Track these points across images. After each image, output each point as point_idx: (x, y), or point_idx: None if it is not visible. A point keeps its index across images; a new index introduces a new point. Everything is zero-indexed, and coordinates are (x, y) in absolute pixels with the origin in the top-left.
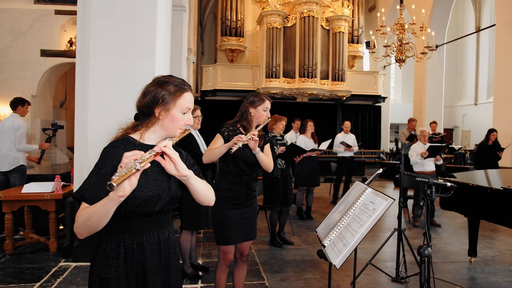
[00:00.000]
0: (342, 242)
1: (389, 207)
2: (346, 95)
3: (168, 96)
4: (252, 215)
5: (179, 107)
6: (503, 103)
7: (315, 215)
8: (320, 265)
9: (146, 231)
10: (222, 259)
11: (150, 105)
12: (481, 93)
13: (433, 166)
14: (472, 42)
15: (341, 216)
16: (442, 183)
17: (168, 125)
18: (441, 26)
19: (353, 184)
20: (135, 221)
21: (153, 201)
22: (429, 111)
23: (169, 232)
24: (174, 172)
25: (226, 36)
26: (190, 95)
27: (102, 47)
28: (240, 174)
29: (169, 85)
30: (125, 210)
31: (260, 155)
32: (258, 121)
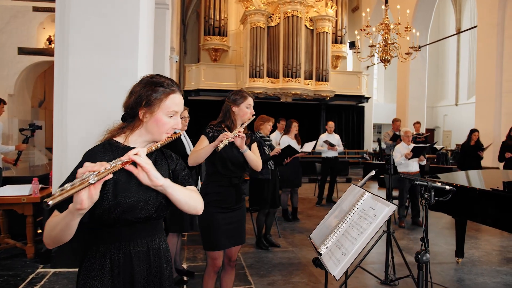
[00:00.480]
0: (340, 250)
1: None
2: (330, 95)
3: (153, 98)
4: (241, 219)
5: (165, 109)
6: (485, 104)
7: (301, 216)
8: (307, 268)
9: (133, 240)
10: (210, 265)
11: (134, 106)
12: (462, 94)
13: (417, 166)
14: (453, 43)
15: (337, 222)
16: (441, 186)
17: (152, 129)
18: (423, 27)
19: (348, 188)
20: (121, 229)
21: (139, 207)
22: (412, 112)
23: (159, 241)
24: (147, 182)
25: (210, 36)
26: (178, 97)
27: (82, 45)
28: (228, 176)
29: (155, 85)
30: (108, 218)
31: (248, 153)
32: (243, 119)
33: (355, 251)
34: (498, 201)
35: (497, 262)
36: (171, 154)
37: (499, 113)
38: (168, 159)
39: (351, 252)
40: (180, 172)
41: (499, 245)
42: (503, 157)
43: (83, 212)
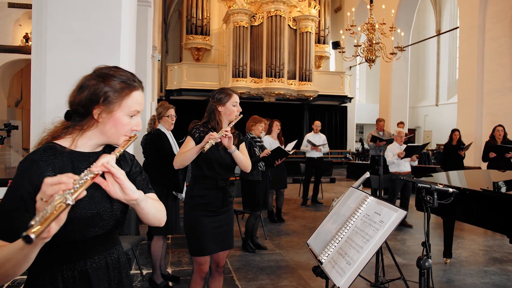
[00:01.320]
0: (344, 259)
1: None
2: (313, 95)
3: (113, 94)
4: (229, 222)
5: (126, 109)
6: (466, 104)
7: (286, 217)
8: (296, 271)
9: (89, 256)
10: (196, 271)
11: (88, 104)
12: (442, 94)
13: (409, 166)
14: (433, 44)
15: (338, 227)
16: (444, 189)
17: (109, 131)
18: (406, 27)
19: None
20: (74, 247)
21: (93, 222)
22: (394, 112)
23: (118, 253)
24: (119, 196)
25: (192, 35)
26: (140, 95)
27: (61, 42)
28: (215, 178)
29: (114, 80)
30: (58, 237)
31: (237, 153)
32: (230, 118)
33: (362, 260)
34: (488, 201)
35: (485, 262)
36: (124, 154)
37: (481, 113)
38: (121, 161)
39: (357, 262)
40: (137, 176)
41: (485, 245)
42: (487, 157)
43: (47, 239)
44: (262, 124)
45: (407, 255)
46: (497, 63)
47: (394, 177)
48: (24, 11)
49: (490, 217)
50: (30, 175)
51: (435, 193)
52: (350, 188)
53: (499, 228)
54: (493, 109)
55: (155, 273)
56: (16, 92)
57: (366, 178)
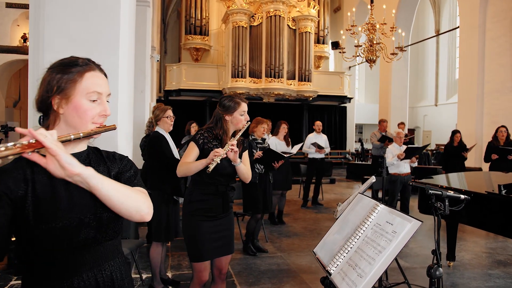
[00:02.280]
0: (355, 271)
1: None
2: (312, 96)
3: (66, 79)
4: (229, 227)
5: (84, 91)
6: (467, 105)
7: (287, 219)
8: (298, 275)
9: (76, 274)
10: (195, 278)
11: (45, 97)
12: (441, 94)
13: (409, 168)
14: (432, 44)
15: (346, 237)
16: (456, 195)
17: (73, 120)
18: (405, 28)
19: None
20: (58, 263)
21: (75, 230)
22: (394, 112)
23: (111, 269)
24: (60, 172)
25: (191, 35)
26: (99, 75)
27: (59, 42)
28: (215, 184)
29: (66, 66)
30: (36, 251)
31: (240, 166)
32: (237, 127)
33: (375, 273)
34: (493, 204)
35: (488, 265)
36: (114, 155)
37: (481, 114)
38: (108, 161)
39: (370, 274)
40: (125, 172)
41: (488, 247)
42: (489, 158)
43: None
44: (264, 126)
45: (409, 258)
46: (497, 63)
47: (394, 178)
48: (22, 11)
49: (495, 220)
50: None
51: (446, 200)
52: (358, 194)
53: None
54: (494, 109)
55: (155, 279)
56: (14, 93)
57: (373, 182)
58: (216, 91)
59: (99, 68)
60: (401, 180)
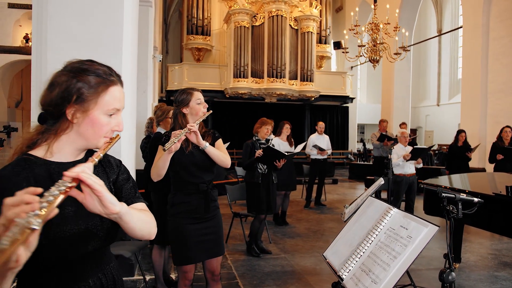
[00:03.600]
0: (369, 277)
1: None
2: (314, 96)
3: (87, 91)
4: (216, 230)
5: (104, 106)
6: (470, 104)
7: (290, 219)
8: (302, 276)
9: (83, 279)
10: (181, 279)
11: (60, 103)
12: (443, 94)
13: (413, 168)
14: (434, 44)
15: (358, 240)
16: (469, 198)
17: (86, 132)
18: (408, 27)
19: (364, 200)
20: (64, 271)
21: (82, 240)
22: (397, 112)
23: (112, 271)
24: (99, 209)
25: (193, 35)
26: (119, 90)
27: (61, 42)
28: (195, 182)
29: (88, 75)
30: (44, 260)
31: (209, 148)
32: (197, 117)
33: (390, 279)
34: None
35: (494, 266)
36: (109, 159)
37: (485, 114)
38: (106, 167)
39: (385, 281)
40: (124, 183)
41: (493, 248)
42: (494, 158)
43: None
44: (268, 127)
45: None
46: (501, 63)
47: (399, 179)
48: (24, 11)
49: (501, 222)
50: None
51: (459, 203)
52: (368, 197)
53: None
54: (497, 110)
55: (158, 281)
56: (16, 93)
57: (381, 184)
58: (218, 91)
59: (120, 80)
60: (406, 181)
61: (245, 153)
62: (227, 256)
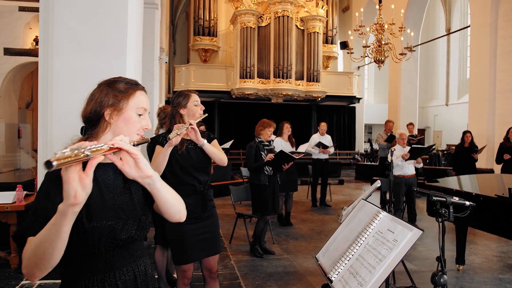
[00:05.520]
0: (356, 279)
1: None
2: (321, 96)
3: (120, 94)
4: (213, 229)
5: (134, 106)
6: (478, 104)
7: (294, 220)
8: (304, 277)
9: (118, 268)
10: (180, 278)
11: (98, 108)
12: (452, 94)
13: (413, 169)
14: (443, 43)
15: (348, 243)
16: (460, 202)
17: (122, 129)
18: (415, 27)
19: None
20: (103, 258)
21: (118, 229)
22: (404, 112)
23: (145, 265)
24: (134, 173)
25: (199, 36)
26: (144, 95)
27: (67, 45)
28: (192, 183)
29: (119, 83)
30: (86, 245)
31: (207, 146)
32: (194, 118)
33: (375, 282)
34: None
35: (499, 269)
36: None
37: (493, 114)
38: None
39: (370, 283)
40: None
41: (499, 251)
42: (501, 159)
43: (78, 208)
44: (271, 129)
45: (417, 261)
46: (509, 62)
47: (398, 180)
48: (34, 14)
49: (506, 224)
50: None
51: (451, 207)
52: (361, 200)
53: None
54: (506, 110)
55: (161, 281)
56: (26, 94)
57: (377, 187)
58: (224, 92)
59: (144, 89)
60: (406, 182)
61: (250, 155)
62: (230, 256)
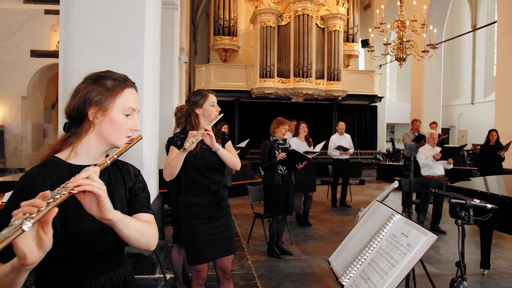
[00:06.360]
0: (367, 285)
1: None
2: (341, 95)
3: (105, 92)
4: (227, 228)
5: (120, 106)
6: (505, 102)
7: (313, 221)
8: (322, 279)
9: (94, 277)
10: (194, 278)
11: (82, 107)
12: (478, 92)
13: (442, 169)
14: (468, 40)
15: (361, 246)
16: (481, 205)
17: (106, 131)
18: (438, 24)
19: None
20: (77, 267)
21: (96, 238)
22: (427, 111)
23: (124, 272)
24: (94, 212)
25: (219, 36)
26: (133, 93)
27: (86, 46)
28: (206, 183)
29: (105, 80)
30: (60, 253)
31: (222, 151)
32: (209, 119)
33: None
34: None
35: None
36: (129, 168)
37: None
38: (124, 174)
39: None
40: (139, 193)
41: None
42: None
43: (31, 267)
44: (285, 126)
45: (440, 264)
46: None
47: (427, 180)
48: (59, 17)
49: None
50: (25, 191)
51: (471, 209)
52: (375, 201)
53: None
54: None
55: (178, 280)
56: (52, 95)
57: (394, 188)
58: (244, 91)
59: (134, 86)
60: (435, 182)
61: (264, 154)
62: (247, 257)
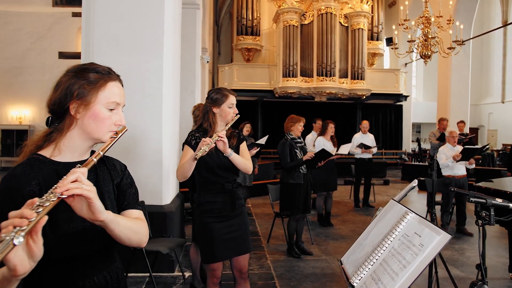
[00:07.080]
0: (377, 286)
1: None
2: (366, 94)
3: (88, 86)
4: (242, 227)
5: (104, 100)
6: None
7: (335, 221)
8: (342, 280)
9: (88, 276)
10: (209, 277)
11: (63, 100)
12: (508, 91)
13: (464, 169)
14: (499, 37)
15: (374, 246)
16: (503, 204)
17: (89, 126)
18: (466, 20)
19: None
20: (70, 267)
21: (87, 236)
22: (454, 110)
23: (117, 270)
24: (85, 214)
25: (242, 35)
26: (117, 86)
27: (106, 46)
28: (220, 182)
29: (88, 72)
30: (51, 254)
31: (234, 157)
32: (226, 120)
33: None
34: None
35: None
36: (115, 163)
37: None
38: (111, 170)
39: None
40: (127, 189)
41: None
42: None
43: (22, 276)
44: (301, 124)
45: (465, 267)
46: None
47: (448, 181)
48: None
49: None
50: (11, 192)
51: (492, 209)
52: (390, 200)
53: None
54: None
55: (195, 278)
56: None
57: (412, 187)
58: (267, 91)
59: (119, 79)
60: (456, 183)
61: (285, 153)
62: (267, 256)
